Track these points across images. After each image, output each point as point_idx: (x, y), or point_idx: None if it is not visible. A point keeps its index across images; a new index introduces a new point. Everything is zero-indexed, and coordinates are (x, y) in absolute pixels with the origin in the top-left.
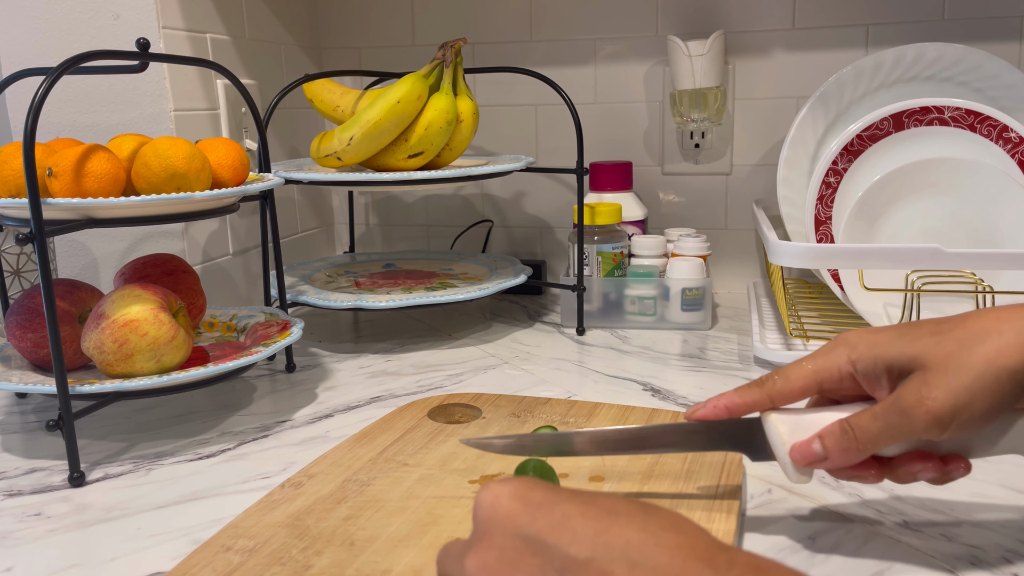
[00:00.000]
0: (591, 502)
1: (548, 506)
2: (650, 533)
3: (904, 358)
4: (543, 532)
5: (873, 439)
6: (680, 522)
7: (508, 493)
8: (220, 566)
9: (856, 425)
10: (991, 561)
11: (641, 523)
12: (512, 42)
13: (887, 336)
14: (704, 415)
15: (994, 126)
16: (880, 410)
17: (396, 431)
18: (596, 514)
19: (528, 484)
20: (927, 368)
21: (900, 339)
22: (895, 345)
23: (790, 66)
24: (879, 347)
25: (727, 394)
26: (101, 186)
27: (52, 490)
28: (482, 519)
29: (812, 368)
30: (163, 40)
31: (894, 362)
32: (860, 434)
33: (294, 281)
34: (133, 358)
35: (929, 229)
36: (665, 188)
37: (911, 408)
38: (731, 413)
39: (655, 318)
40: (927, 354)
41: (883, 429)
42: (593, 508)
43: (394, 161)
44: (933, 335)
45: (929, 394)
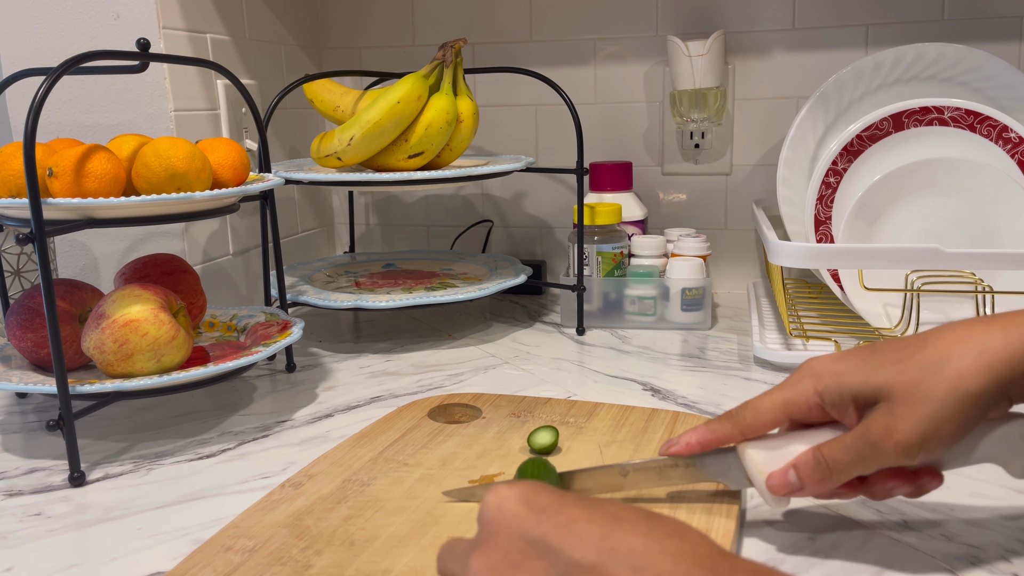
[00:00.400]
0: (596, 507)
1: (554, 510)
2: (654, 539)
3: (868, 389)
4: (548, 535)
5: (845, 469)
6: (683, 529)
7: (514, 496)
8: (220, 566)
9: (829, 456)
10: (991, 561)
11: (645, 529)
12: (512, 42)
13: (851, 365)
14: (678, 451)
15: (994, 126)
16: (850, 442)
17: (396, 431)
18: (601, 519)
19: (534, 488)
20: (892, 399)
21: (864, 368)
22: (859, 375)
23: (790, 66)
24: (843, 377)
25: (698, 429)
26: (101, 186)
27: (52, 490)
28: (488, 521)
29: (781, 401)
30: (163, 40)
31: (859, 393)
32: (833, 465)
33: (294, 281)
34: (133, 358)
35: (929, 229)
36: (665, 188)
37: (879, 441)
38: (704, 448)
39: (655, 318)
40: (891, 385)
41: (854, 460)
42: (598, 513)
43: (394, 161)
44: (895, 363)
45: (896, 426)
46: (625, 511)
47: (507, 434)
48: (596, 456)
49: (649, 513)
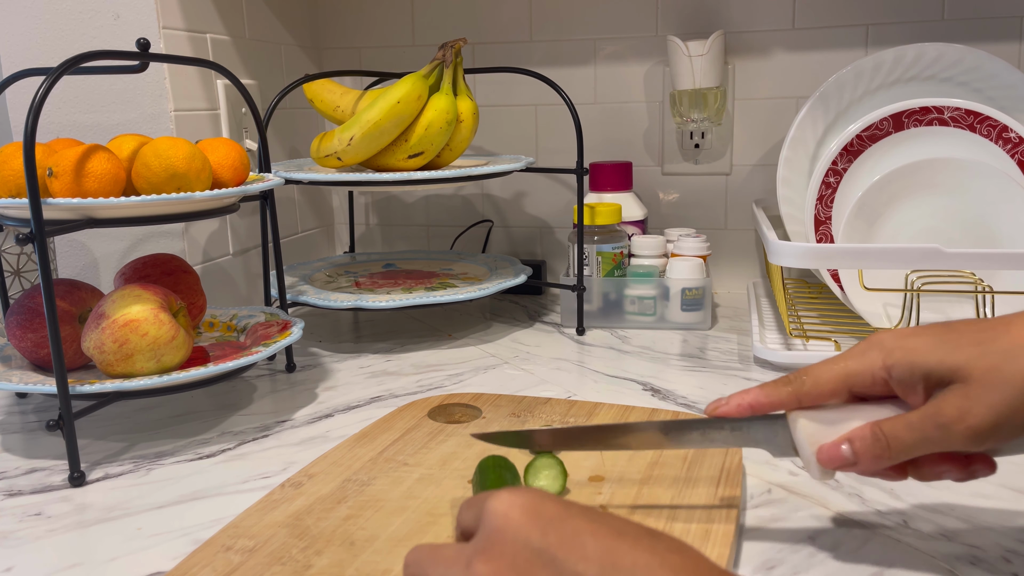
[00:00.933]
0: (600, 521)
1: (559, 521)
2: (656, 554)
3: (944, 368)
4: (554, 546)
5: (906, 449)
6: (684, 546)
7: (520, 505)
8: (220, 566)
9: (890, 434)
10: (991, 561)
11: (648, 545)
12: (512, 42)
13: (926, 342)
14: (727, 412)
15: (994, 126)
16: (917, 421)
17: (396, 431)
18: (606, 533)
19: (539, 497)
20: (969, 381)
21: (940, 346)
22: (935, 353)
23: (790, 66)
24: (917, 354)
25: (752, 391)
26: (101, 186)
27: (52, 490)
28: (493, 528)
29: (843, 371)
30: (163, 40)
31: (933, 371)
32: (893, 443)
33: (294, 281)
34: (133, 358)
35: (929, 229)
36: (665, 188)
37: (951, 423)
38: (755, 412)
39: (655, 318)
40: (970, 366)
41: (918, 441)
42: (603, 527)
43: (394, 161)
44: (976, 345)
45: (971, 409)
46: (629, 527)
47: None
48: (596, 456)
49: (651, 530)
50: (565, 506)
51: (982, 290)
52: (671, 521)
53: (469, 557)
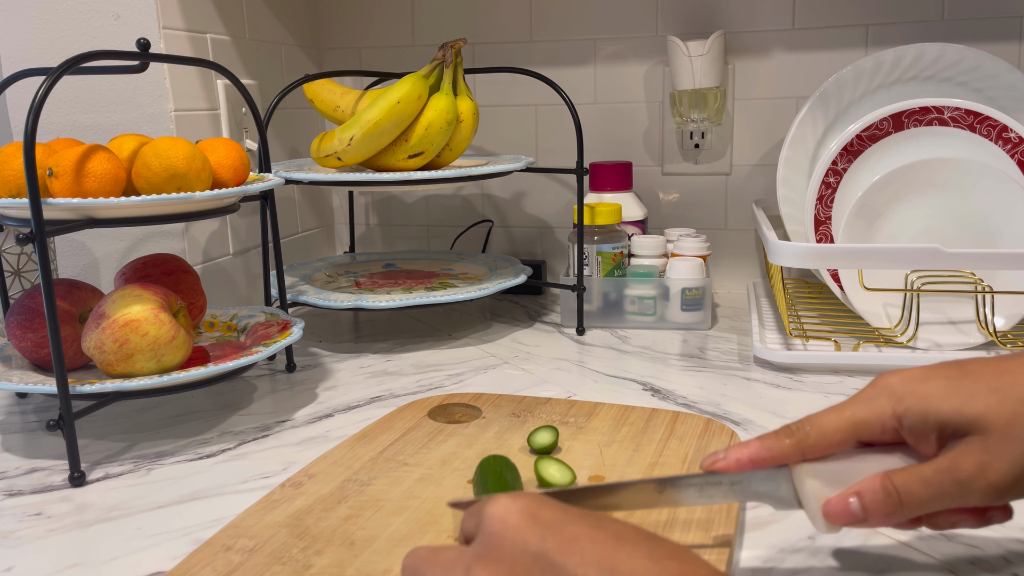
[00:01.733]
0: (600, 526)
1: (558, 526)
2: (655, 561)
3: (961, 419)
4: (553, 551)
5: (920, 505)
6: (683, 552)
7: (518, 509)
8: (220, 566)
9: (903, 489)
10: (991, 561)
11: (647, 551)
12: (512, 42)
13: (939, 388)
14: (726, 467)
15: (994, 126)
16: (932, 476)
17: (396, 431)
18: (605, 539)
19: (538, 502)
20: (988, 433)
21: (955, 394)
22: (950, 401)
23: (790, 66)
24: (930, 401)
25: (752, 444)
26: (101, 186)
27: (52, 490)
28: (491, 532)
29: (851, 420)
30: (163, 40)
31: (948, 422)
32: (906, 499)
33: (294, 281)
34: (133, 358)
35: (929, 229)
36: (665, 188)
37: (970, 479)
38: (756, 467)
39: (655, 318)
40: (988, 417)
41: (933, 496)
42: (602, 532)
43: (394, 161)
44: (994, 392)
45: (991, 464)
46: (628, 531)
47: (507, 434)
48: (596, 456)
49: (651, 535)
50: (564, 510)
51: (982, 290)
52: (671, 521)
53: (469, 562)
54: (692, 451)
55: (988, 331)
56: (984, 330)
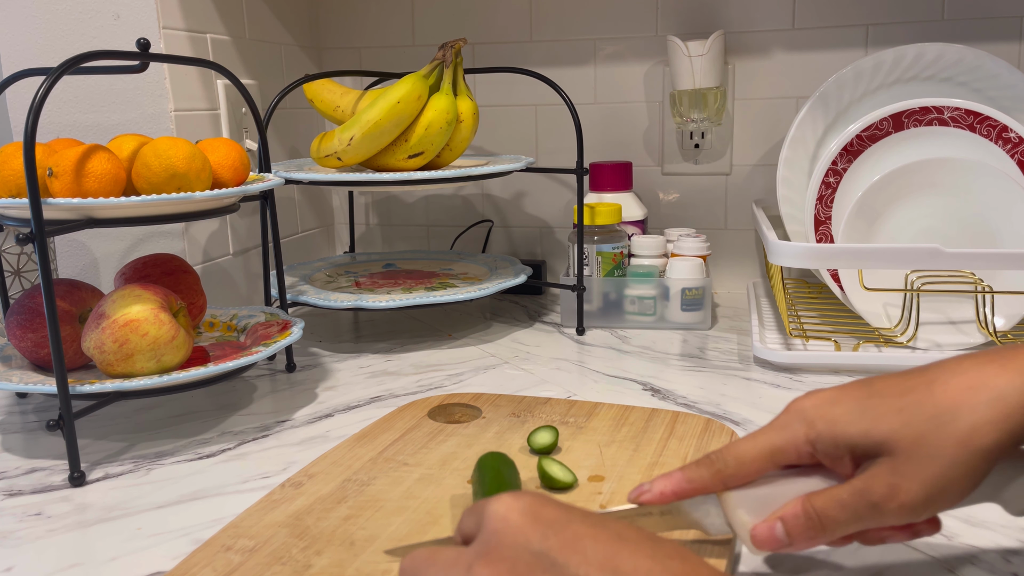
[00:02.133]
0: (601, 526)
1: (560, 525)
2: (657, 561)
3: (868, 441)
4: (554, 550)
5: (839, 526)
6: (685, 552)
7: (520, 508)
8: (220, 566)
9: (822, 512)
10: (991, 561)
11: (649, 551)
12: (512, 42)
13: (847, 411)
14: (651, 500)
15: (994, 126)
16: (848, 498)
17: (396, 431)
18: (607, 538)
19: (540, 501)
20: (895, 454)
21: (863, 417)
22: (857, 424)
23: (790, 66)
24: (839, 425)
25: (673, 476)
26: (101, 186)
27: (52, 490)
28: (492, 531)
29: (768, 448)
30: (163, 40)
31: (857, 445)
32: (826, 522)
33: (294, 281)
34: (133, 358)
35: (929, 229)
36: (665, 188)
37: (882, 501)
38: (680, 498)
39: (655, 318)
40: (894, 439)
41: (851, 519)
42: (604, 532)
43: (394, 161)
44: (898, 413)
45: (900, 486)
46: (630, 532)
47: (507, 434)
48: (596, 456)
49: (651, 535)
50: (566, 510)
51: (982, 290)
52: None
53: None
54: (692, 451)
55: (988, 331)
56: (984, 330)
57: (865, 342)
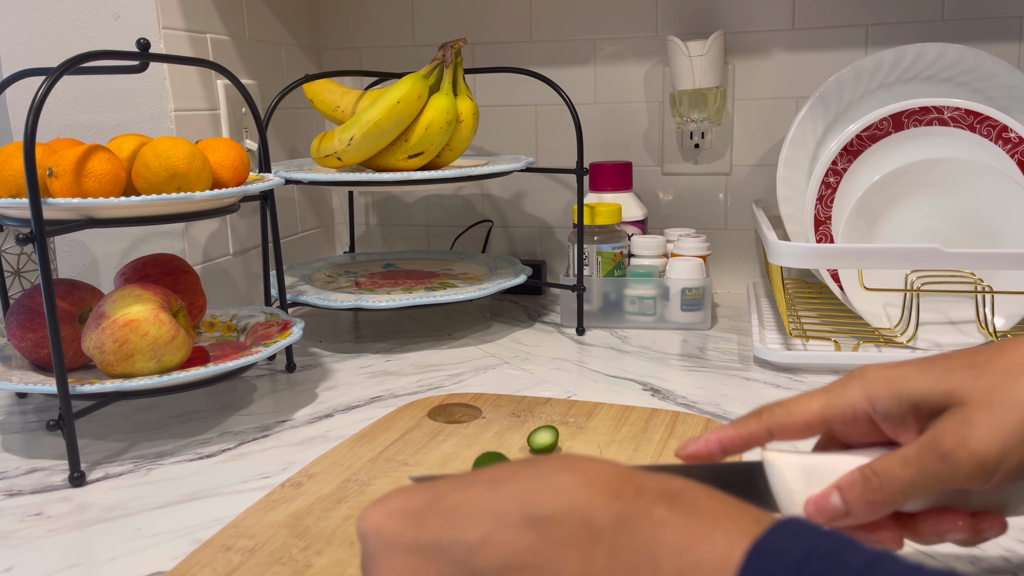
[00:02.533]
0: (474, 481)
1: (431, 505)
2: (543, 481)
3: (937, 394)
4: (435, 534)
5: (904, 488)
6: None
7: (387, 513)
8: (220, 566)
9: (882, 472)
10: (991, 561)
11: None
12: (512, 42)
13: (911, 370)
14: (696, 451)
15: (994, 126)
16: (913, 454)
17: (396, 431)
18: (482, 490)
19: (405, 494)
20: (967, 404)
21: (928, 372)
22: (923, 379)
23: (790, 66)
24: (903, 383)
25: (722, 427)
26: (101, 186)
27: (52, 490)
28: (371, 549)
29: (821, 403)
30: (163, 40)
31: (924, 399)
32: (887, 483)
33: (294, 281)
34: (133, 358)
35: (929, 229)
36: (665, 188)
37: (952, 451)
38: (725, 448)
39: (655, 318)
40: (965, 388)
41: (916, 476)
42: (478, 485)
43: (394, 161)
44: (969, 367)
45: (973, 435)
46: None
47: (507, 434)
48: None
49: (533, 459)
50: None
51: (982, 290)
52: None
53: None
54: None
55: (988, 331)
56: (984, 330)
57: (865, 342)
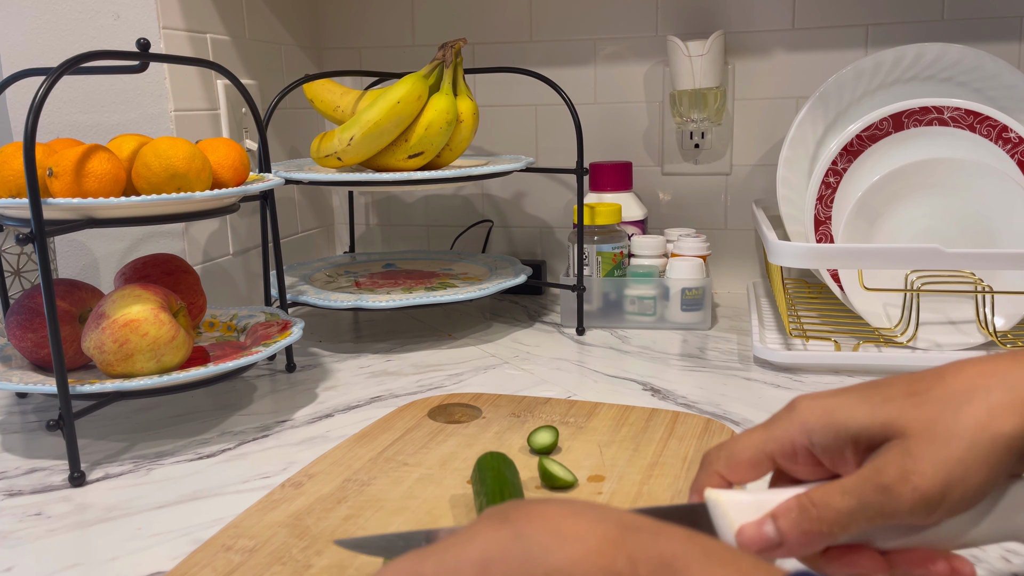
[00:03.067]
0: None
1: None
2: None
3: (875, 425)
4: None
5: (842, 520)
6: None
7: None
8: (220, 565)
9: (820, 502)
10: (991, 561)
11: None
12: (512, 42)
13: (848, 400)
14: None
15: (993, 126)
16: (852, 484)
17: (396, 431)
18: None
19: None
20: (907, 436)
21: (865, 402)
22: (860, 409)
23: (790, 66)
24: (839, 414)
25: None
26: (101, 186)
27: (52, 490)
28: None
29: (760, 439)
30: (163, 40)
31: (862, 431)
32: (825, 513)
33: (294, 281)
34: (133, 358)
35: (929, 229)
36: (665, 188)
37: (894, 485)
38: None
39: (655, 318)
40: (905, 418)
41: (855, 508)
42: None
43: (394, 161)
44: (908, 396)
45: (915, 468)
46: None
47: (507, 434)
48: (596, 456)
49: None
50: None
51: (982, 290)
52: None
53: None
54: (692, 451)
55: (988, 331)
56: (984, 330)
57: (865, 342)
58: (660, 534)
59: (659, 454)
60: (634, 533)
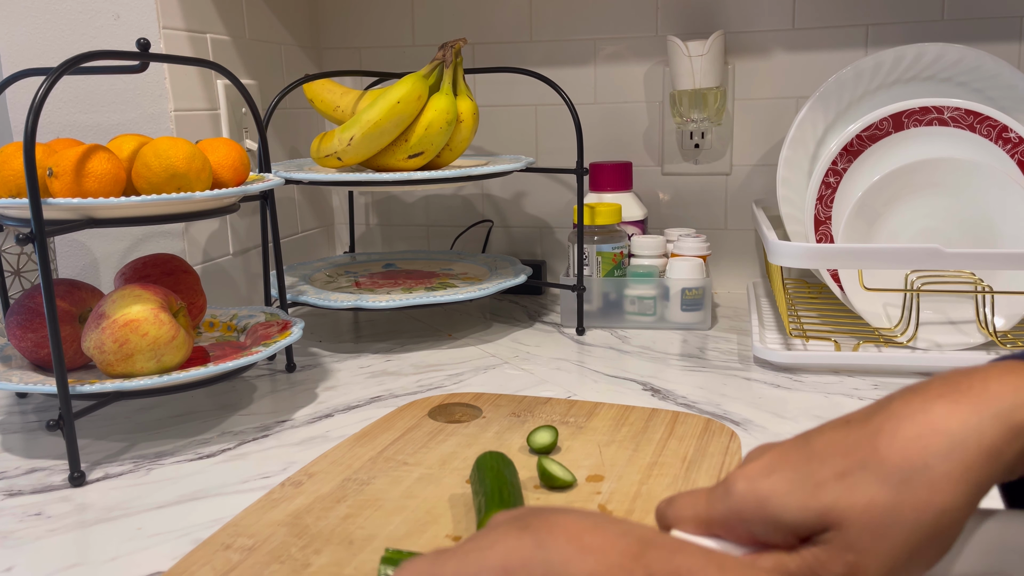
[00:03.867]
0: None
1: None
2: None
3: (811, 517)
4: None
5: None
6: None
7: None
8: (219, 564)
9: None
10: None
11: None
12: (512, 42)
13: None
14: None
15: (994, 126)
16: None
17: (396, 430)
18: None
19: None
20: (844, 527)
21: (799, 486)
22: (793, 499)
23: (790, 66)
24: (772, 505)
25: None
26: (101, 186)
27: (52, 490)
28: None
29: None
30: (163, 40)
31: (799, 524)
32: None
33: (294, 281)
34: (133, 358)
35: (929, 229)
36: (665, 188)
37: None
38: None
39: (655, 318)
40: (839, 507)
41: None
42: None
43: (394, 161)
44: (840, 478)
45: (859, 563)
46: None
47: (507, 434)
48: (596, 456)
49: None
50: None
51: (982, 290)
52: None
53: None
54: (692, 451)
55: (988, 331)
56: (984, 330)
57: (865, 342)
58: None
59: (659, 454)
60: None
